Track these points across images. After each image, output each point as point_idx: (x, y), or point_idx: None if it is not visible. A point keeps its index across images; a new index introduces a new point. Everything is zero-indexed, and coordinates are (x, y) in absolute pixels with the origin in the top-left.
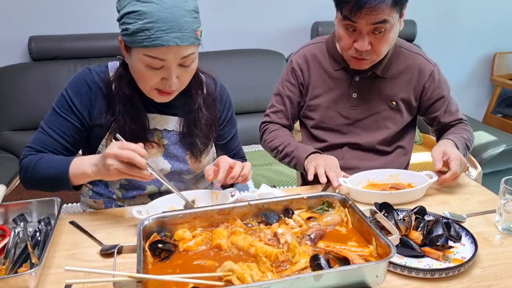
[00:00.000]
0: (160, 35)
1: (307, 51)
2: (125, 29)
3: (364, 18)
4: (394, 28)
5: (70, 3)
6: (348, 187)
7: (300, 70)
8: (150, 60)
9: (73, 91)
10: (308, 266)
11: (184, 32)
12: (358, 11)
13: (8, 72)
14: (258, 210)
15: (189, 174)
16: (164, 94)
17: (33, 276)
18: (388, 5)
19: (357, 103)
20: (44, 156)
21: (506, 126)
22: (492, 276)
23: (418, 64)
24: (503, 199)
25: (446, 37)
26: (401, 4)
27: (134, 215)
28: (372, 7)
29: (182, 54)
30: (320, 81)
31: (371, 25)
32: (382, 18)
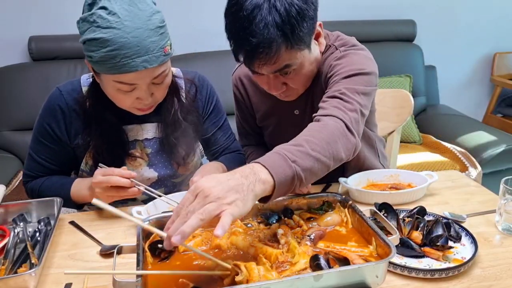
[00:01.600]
0: (127, 62)
1: (241, 72)
2: (89, 55)
3: (262, 68)
4: (306, 64)
5: (70, 3)
6: (348, 187)
7: (240, 94)
8: (120, 86)
9: (49, 118)
10: (308, 267)
11: (152, 54)
12: (252, 62)
13: (8, 72)
14: (258, 210)
15: (178, 177)
16: (143, 111)
17: (33, 276)
18: (283, 50)
19: (302, 116)
20: (43, 183)
21: (506, 126)
22: (492, 276)
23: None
24: (503, 199)
25: (446, 37)
26: (301, 42)
27: (134, 215)
28: (265, 58)
29: (152, 75)
30: (260, 103)
31: (275, 72)
32: (282, 65)
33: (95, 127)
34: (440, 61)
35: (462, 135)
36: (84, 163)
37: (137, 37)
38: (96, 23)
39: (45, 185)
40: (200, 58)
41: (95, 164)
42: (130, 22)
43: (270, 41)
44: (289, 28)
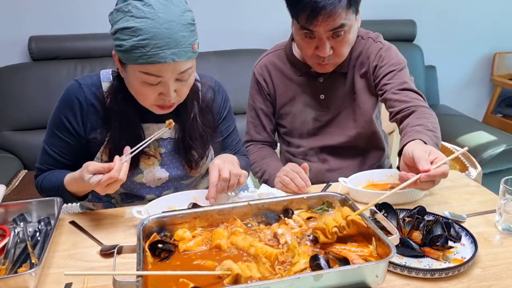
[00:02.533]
0: (156, 52)
1: (267, 61)
2: (119, 45)
3: (321, 25)
4: (352, 28)
5: (70, 3)
6: (348, 187)
7: (264, 82)
8: (146, 77)
9: (66, 110)
10: (307, 267)
11: (181, 48)
12: (314, 19)
13: (8, 72)
14: (258, 210)
15: (187, 179)
16: (164, 109)
17: (33, 276)
18: (343, 8)
19: (326, 104)
20: (47, 175)
21: (506, 126)
22: (492, 276)
23: (367, 48)
24: (503, 199)
25: (446, 37)
26: (356, 4)
27: (134, 215)
28: (328, 13)
29: (179, 69)
30: (285, 89)
31: (329, 31)
32: (339, 23)
33: (114, 123)
34: (440, 61)
35: (462, 135)
36: (99, 158)
37: (169, 29)
38: (130, 13)
39: (47, 177)
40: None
41: (110, 159)
42: (164, 14)
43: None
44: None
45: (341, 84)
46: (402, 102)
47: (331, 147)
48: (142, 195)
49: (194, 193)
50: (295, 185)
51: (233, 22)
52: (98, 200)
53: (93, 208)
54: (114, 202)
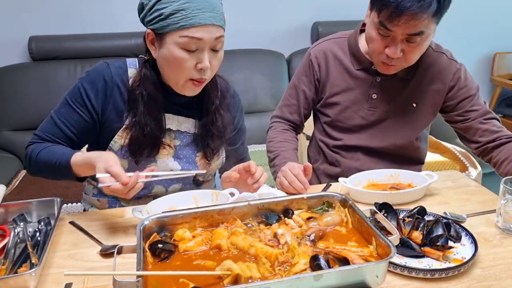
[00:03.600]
0: (197, 14)
1: (327, 47)
2: (159, 14)
3: (400, 26)
4: (429, 38)
5: (70, 3)
6: (348, 187)
7: (317, 65)
8: (187, 41)
9: (89, 85)
10: (307, 267)
11: (217, 13)
12: (396, 18)
13: (8, 72)
14: (258, 210)
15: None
16: (197, 84)
17: (33, 276)
18: (430, 14)
19: (376, 105)
20: (47, 147)
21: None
22: (492, 276)
23: (441, 64)
24: (503, 199)
25: (446, 37)
26: (442, 14)
27: (134, 215)
28: (413, 15)
29: (215, 34)
30: (339, 79)
31: (406, 35)
32: (419, 29)
33: (142, 109)
34: None
35: None
36: (116, 142)
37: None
38: None
39: (48, 149)
40: None
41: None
42: None
43: (429, 0)
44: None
45: (398, 90)
46: (493, 132)
47: (369, 149)
48: (151, 185)
49: (194, 193)
50: (294, 188)
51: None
52: (103, 195)
53: (97, 203)
54: (119, 199)
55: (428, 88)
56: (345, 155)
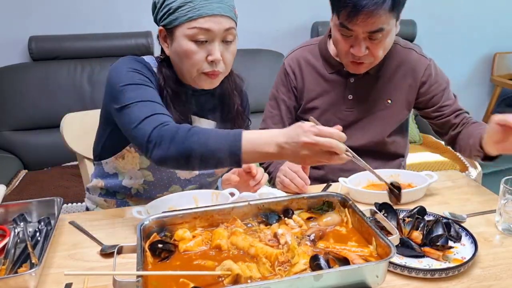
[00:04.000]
0: (204, 5)
1: (300, 55)
2: (168, 9)
3: (360, 25)
4: (391, 33)
5: (70, 3)
6: (348, 187)
7: (293, 74)
8: (195, 32)
9: (139, 66)
10: (307, 267)
11: (225, 4)
12: (355, 17)
13: (8, 72)
14: (258, 210)
15: (211, 177)
16: (212, 77)
17: (33, 276)
18: (386, 10)
19: (353, 105)
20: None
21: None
22: (492, 276)
23: (411, 60)
24: (503, 199)
25: (446, 37)
26: (399, 9)
27: (134, 215)
28: (370, 13)
29: (224, 25)
30: (314, 84)
31: (367, 33)
32: (378, 26)
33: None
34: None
35: None
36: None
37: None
38: None
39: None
40: None
41: None
42: None
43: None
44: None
45: (372, 88)
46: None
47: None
48: (169, 184)
49: (194, 193)
50: (295, 185)
51: None
52: (111, 196)
53: (104, 203)
54: (133, 193)
55: (401, 85)
56: None
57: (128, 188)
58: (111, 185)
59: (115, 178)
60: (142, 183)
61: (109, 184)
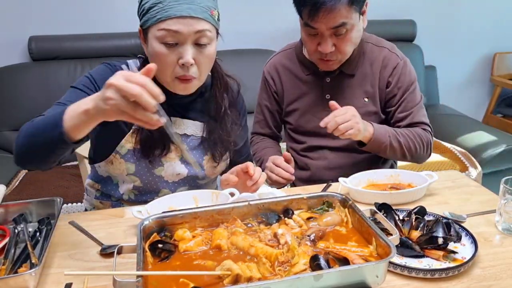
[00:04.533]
0: (173, 6)
1: (277, 60)
2: (142, 9)
3: (322, 22)
4: (355, 28)
5: (70, 3)
6: (348, 187)
7: (272, 80)
8: (164, 34)
9: (99, 77)
10: (307, 267)
11: (197, 5)
12: (315, 15)
13: (8, 72)
14: (258, 210)
15: (203, 179)
16: (185, 82)
17: (33, 276)
18: (344, 5)
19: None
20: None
21: (506, 126)
22: (492, 276)
23: (382, 57)
24: (503, 199)
25: (446, 37)
26: (358, 3)
27: (134, 215)
28: (329, 9)
29: (195, 27)
30: (293, 88)
31: (330, 29)
32: (339, 21)
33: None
34: (440, 61)
35: (462, 135)
36: (123, 146)
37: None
38: None
39: (38, 118)
40: None
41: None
42: None
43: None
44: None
45: (348, 87)
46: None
47: (333, 148)
48: (158, 189)
49: (194, 193)
50: (283, 178)
51: (233, 22)
52: (107, 198)
53: (100, 205)
54: (125, 199)
55: (375, 82)
56: (312, 156)
57: (121, 194)
58: (106, 188)
59: (109, 181)
60: (132, 188)
61: (104, 187)
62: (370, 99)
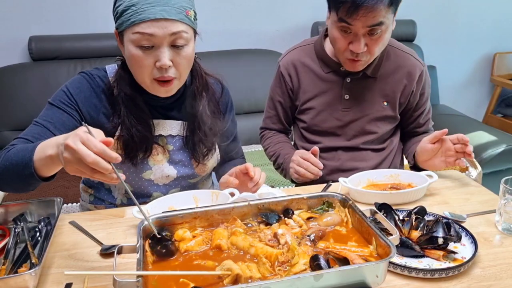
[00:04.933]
0: (146, 8)
1: (295, 56)
2: (116, 13)
3: (360, 20)
4: (389, 29)
5: (70, 3)
6: (348, 187)
7: (288, 76)
8: (139, 38)
9: (76, 90)
10: (307, 268)
11: (172, 6)
12: (355, 12)
13: (8, 72)
14: (258, 210)
15: (194, 178)
16: (164, 84)
17: (33, 276)
18: (385, 5)
19: (350, 105)
20: (15, 147)
21: (506, 126)
22: (492, 276)
23: (408, 65)
24: (503, 199)
25: (446, 37)
26: (397, 4)
27: (134, 215)
28: (370, 7)
29: (170, 29)
30: (311, 85)
31: (367, 27)
32: (378, 20)
33: (124, 110)
34: (440, 61)
35: None
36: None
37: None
38: None
39: (15, 148)
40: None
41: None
42: None
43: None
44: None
45: (369, 88)
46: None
47: (347, 148)
48: (149, 193)
49: (194, 193)
50: (310, 173)
51: (233, 22)
52: (100, 202)
53: (94, 209)
54: (117, 204)
55: (397, 87)
56: (325, 156)
57: (114, 198)
58: (98, 193)
59: (101, 187)
60: (124, 192)
61: (97, 192)
62: (389, 104)
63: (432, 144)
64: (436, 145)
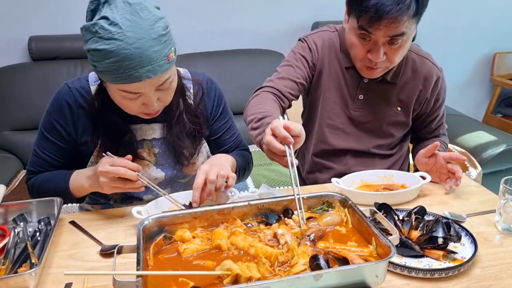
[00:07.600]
0: (130, 72)
1: (326, 36)
2: (94, 65)
3: (382, 30)
4: (410, 38)
5: (70, 3)
6: (341, 188)
7: (316, 51)
8: (125, 94)
9: (56, 114)
10: (307, 268)
11: (155, 63)
12: (377, 22)
13: (8, 72)
14: (258, 210)
15: (184, 178)
16: (150, 115)
17: (33, 276)
18: (410, 16)
19: (362, 106)
20: (44, 176)
21: (506, 126)
22: (492, 276)
23: (425, 69)
24: (503, 199)
25: (446, 37)
26: (421, 14)
27: (134, 215)
28: (393, 18)
29: (157, 83)
30: (333, 73)
31: (388, 37)
32: (400, 31)
33: (104, 127)
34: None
35: (462, 135)
36: (93, 162)
37: (139, 48)
38: (98, 34)
39: (45, 178)
40: (200, 58)
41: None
42: (132, 32)
43: (408, 2)
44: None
45: (384, 93)
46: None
47: (356, 151)
48: (140, 196)
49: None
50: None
51: (232, 22)
52: (96, 201)
53: (91, 209)
54: (112, 203)
55: (413, 93)
56: (333, 159)
57: (108, 198)
58: (93, 193)
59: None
60: (118, 196)
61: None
62: (403, 109)
63: (426, 158)
64: (431, 160)
